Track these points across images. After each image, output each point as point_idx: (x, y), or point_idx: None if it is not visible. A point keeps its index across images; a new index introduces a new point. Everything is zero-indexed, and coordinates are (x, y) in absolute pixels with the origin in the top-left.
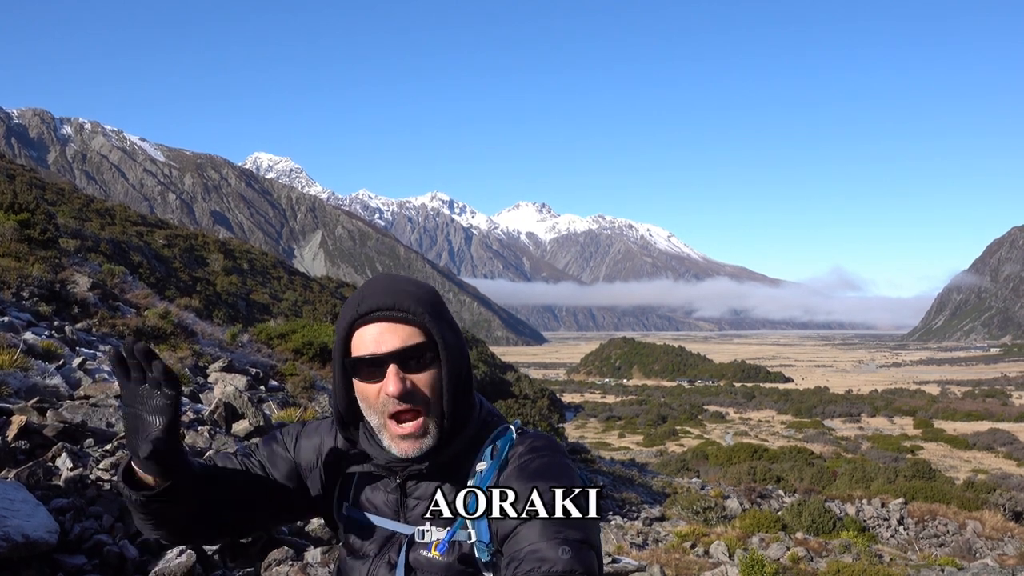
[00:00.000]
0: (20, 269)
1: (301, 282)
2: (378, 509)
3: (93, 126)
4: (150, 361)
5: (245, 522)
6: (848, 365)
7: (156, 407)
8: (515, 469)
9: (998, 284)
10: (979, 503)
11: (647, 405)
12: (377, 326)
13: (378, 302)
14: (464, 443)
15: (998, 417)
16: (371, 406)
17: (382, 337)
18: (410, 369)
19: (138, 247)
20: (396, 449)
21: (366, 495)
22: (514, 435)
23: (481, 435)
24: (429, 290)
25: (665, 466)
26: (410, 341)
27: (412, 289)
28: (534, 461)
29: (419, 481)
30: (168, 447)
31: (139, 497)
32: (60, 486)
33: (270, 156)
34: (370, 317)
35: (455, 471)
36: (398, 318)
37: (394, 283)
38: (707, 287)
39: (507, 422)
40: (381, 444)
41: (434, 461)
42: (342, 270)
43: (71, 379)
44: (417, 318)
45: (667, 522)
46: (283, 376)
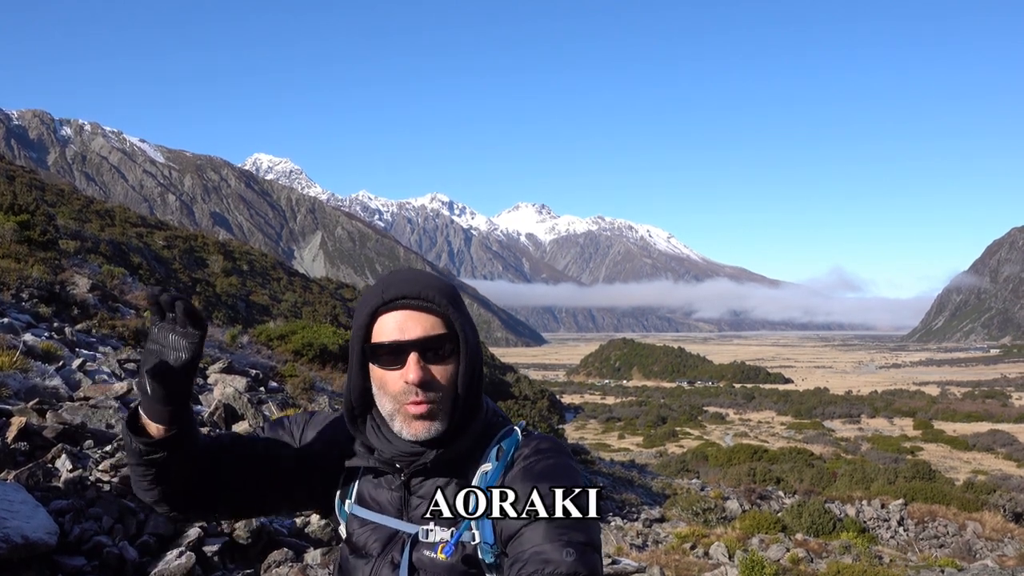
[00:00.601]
0: (20, 270)
1: (301, 283)
2: (382, 507)
3: (93, 127)
4: (174, 303)
5: (243, 500)
6: (848, 366)
7: (180, 344)
8: (520, 471)
9: (998, 285)
10: (979, 504)
11: (647, 406)
12: (401, 313)
13: (404, 290)
14: (470, 442)
15: (998, 418)
16: (387, 393)
17: (406, 324)
18: (430, 360)
19: (138, 248)
20: (407, 431)
21: (369, 492)
22: (519, 436)
23: (486, 435)
24: (452, 286)
25: (665, 467)
26: (433, 331)
27: (436, 282)
28: (539, 463)
29: (424, 479)
30: (181, 383)
31: (140, 444)
32: (60, 488)
33: (270, 157)
34: (394, 304)
35: (460, 470)
36: (422, 307)
37: (419, 274)
38: (707, 288)
39: (512, 423)
40: (388, 437)
41: (439, 457)
42: (342, 271)
43: (71, 380)
44: (441, 309)
45: (667, 523)
46: (283, 377)
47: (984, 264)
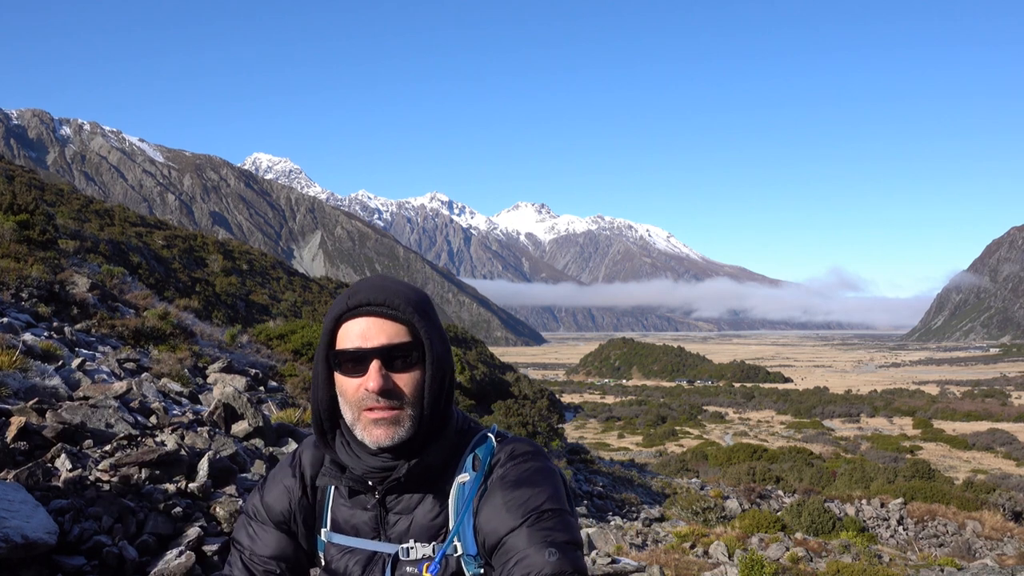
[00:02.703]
0: (19, 270)
1: (300, 283)
2: (358, 530)
3: (92, 127)
4: None
5: None
6: (847, 365)
7: None
8: (498, 478)
9: (997, 284)
10: (978, 503)
11: (646, 405)
12: (365, 320)
13: (368, 297)
14: (443, 453)
15: (997, 417)
16: (348, 401)
17: (369, 332)
18: (394, 368)
19: (137, 248)
20: (369, 438)
21: (344, 517)
22: (494, 443)
23: (460, 444)
24: (422, 294)
25: (664, 467)
26: (396, 339)
27: (404, 290)
28: (516, 468)
29: (399, 495)
30: None
31: None
32: (59, 487)
33: (269, 157)
34: (359, 311)
35: (436, 482)
36: (387, 314)
37: (387, 282)
38: (706, 287)
39: (483, 427)
40: (358, 452)
41: (412, 470)
42: (341, 271)
43: (70, 380)
44: (406, 317)
45: (666, 522)
46: (282, 377)
47: (983, 263)
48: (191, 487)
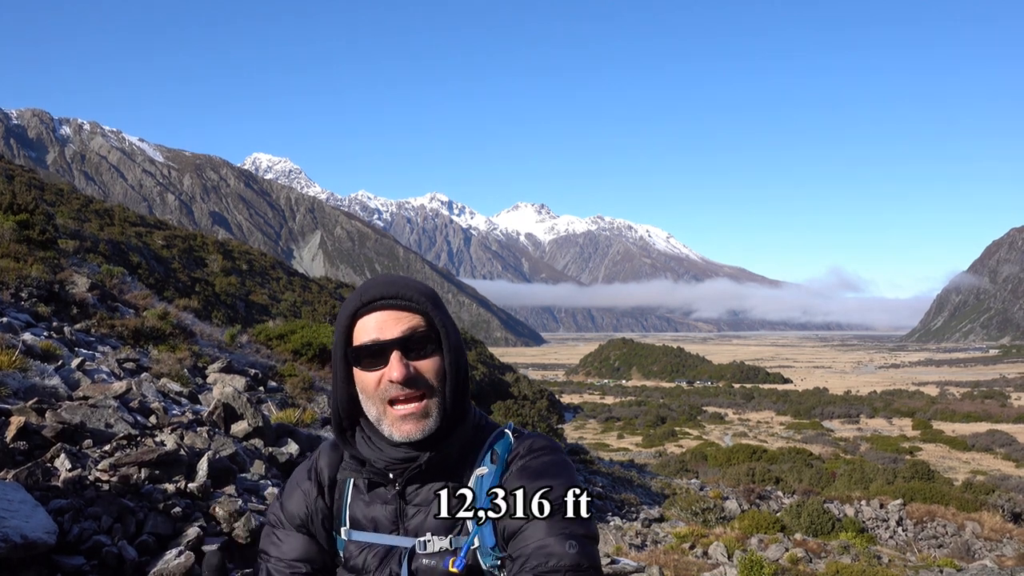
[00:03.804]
0: (19, 270)
1: (300, 283)
2: (377, 524)
3: (92, 127)
4: None
5: None
6: (847, 366)
7: None
8: (518, 470)
9: (997, 285)
10: (978, 504)
11: (646, 406)
12: (380, 314)
13: (381, 291)
14: (462, 444)
15: (997, 418)
16: (371, 396)
17: (385, 324)
18: (413, 356)
19: (137, 248)
20: (397, 433)
21: (362, 513)
22: (512, 439)
23: (477, 439)
24: (430, 288)
25: (664, 467)
26: (414, 329)
27: (414, 283)
28: (535, 461)
29: (419, 486)
30: None
31: None
32: (59, 487)
33: (269, 157)
34: (373, 306)
35: (454, 473)
36: (401, 306)
37: (397, 277)
38: (706, 288)
39: (499, 425)
40: (380, 445)
41: (432, 459)
42: (341, 271)
43: (70, 380)
44: (420, 306)
45: (666, 523)
46: (282, 377)
47: (983, 264)
48: (190, 487)
